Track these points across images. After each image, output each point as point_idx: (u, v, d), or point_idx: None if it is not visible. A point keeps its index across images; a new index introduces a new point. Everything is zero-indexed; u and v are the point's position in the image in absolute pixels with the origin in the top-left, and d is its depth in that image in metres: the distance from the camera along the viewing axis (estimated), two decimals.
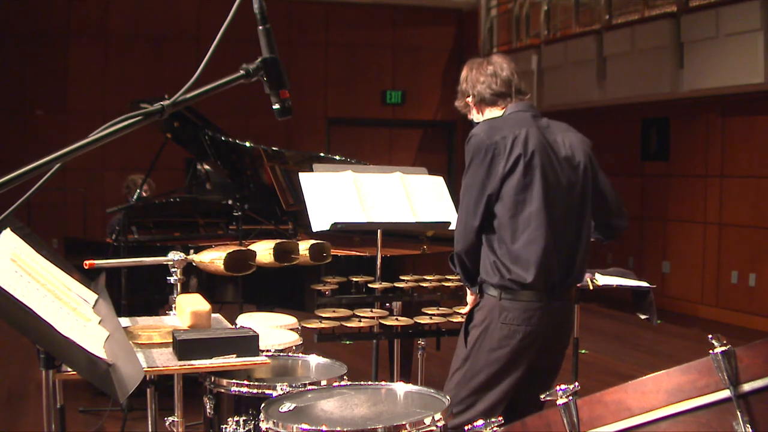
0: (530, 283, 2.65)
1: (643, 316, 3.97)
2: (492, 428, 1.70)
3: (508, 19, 11.77)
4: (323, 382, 2.57)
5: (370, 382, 2.51)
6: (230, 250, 2.90)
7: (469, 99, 2.91)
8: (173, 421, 2.74)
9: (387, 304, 3.43)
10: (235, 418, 2.57)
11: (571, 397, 1.55)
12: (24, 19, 10.56)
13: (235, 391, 2.58)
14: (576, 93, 9.90)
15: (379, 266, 3.50)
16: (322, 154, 5.80)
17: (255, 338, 2.31)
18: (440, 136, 12.86)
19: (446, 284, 3.52)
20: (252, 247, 3.01)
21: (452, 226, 3.45)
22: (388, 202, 3.45)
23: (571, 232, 2.74)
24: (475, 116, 2.93)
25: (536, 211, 2.65)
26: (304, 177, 3.42)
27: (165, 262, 2.86)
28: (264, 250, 2.99)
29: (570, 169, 2.75)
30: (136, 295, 4.92)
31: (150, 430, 2.86)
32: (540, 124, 2.78)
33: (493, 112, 2.87)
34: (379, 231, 3.53)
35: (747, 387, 1.44)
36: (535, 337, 2.69)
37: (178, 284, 2.85)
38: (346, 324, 3.20)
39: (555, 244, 2.67)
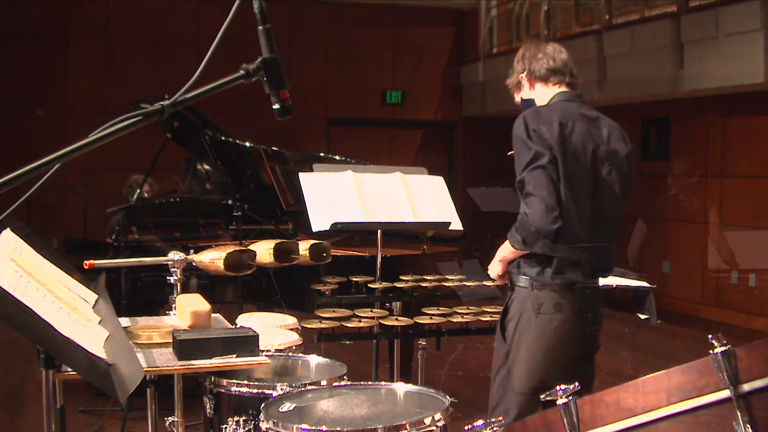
0: (557, 265, 2.69)
1: (643, 316, 3.97)
2: (492, 428, 1.70)
3: (508, 19, 11.76)
4: (323, 382, 2.57)
5: (370, 382, 2.51)
6: (230, 250, 2.90)
7: (524, 74, 2.95)
8: (173, 421, 2.74)
9: (387, 304, 3.43)
10: (235, 418, 2.57)
11: (571, 397, 1.55)
12: (25, 19, 10.55)
13: (235, 391, 2.58)
14: None
15: (379, 266, 3.50)
16: (322, 154, 5.80)
17: (255, 338, 2.31)
18: (440, 136, 12.85)
19: (446, 284, 3.52)
20: (252, 247, 3.01)
21: (452, 226, 3.46)
22: (388, 202, 3.45)
23: (599, 224, 2.77)
24: (525, 93, 2.97)
25: (565, 199, 2.69)
26: (304, 177, 3.42)
27: (165, 262, 2.86)
28: (264, 250, 2.99)
29: (609, 163, 2.79)
30: (136, 295, 4.92)
31: (150, 430, 2.86)
32: (587, 114, 2.83)
33: (544, 89, 2.92)
34: (379, 231, 3.53)
35: (747, 387, 1.44)
36: (570, 325, 2.72)
37: (178, 284, 2.85)
38: (346, 324, 3.20)
39: (580, 231, 2.71)
